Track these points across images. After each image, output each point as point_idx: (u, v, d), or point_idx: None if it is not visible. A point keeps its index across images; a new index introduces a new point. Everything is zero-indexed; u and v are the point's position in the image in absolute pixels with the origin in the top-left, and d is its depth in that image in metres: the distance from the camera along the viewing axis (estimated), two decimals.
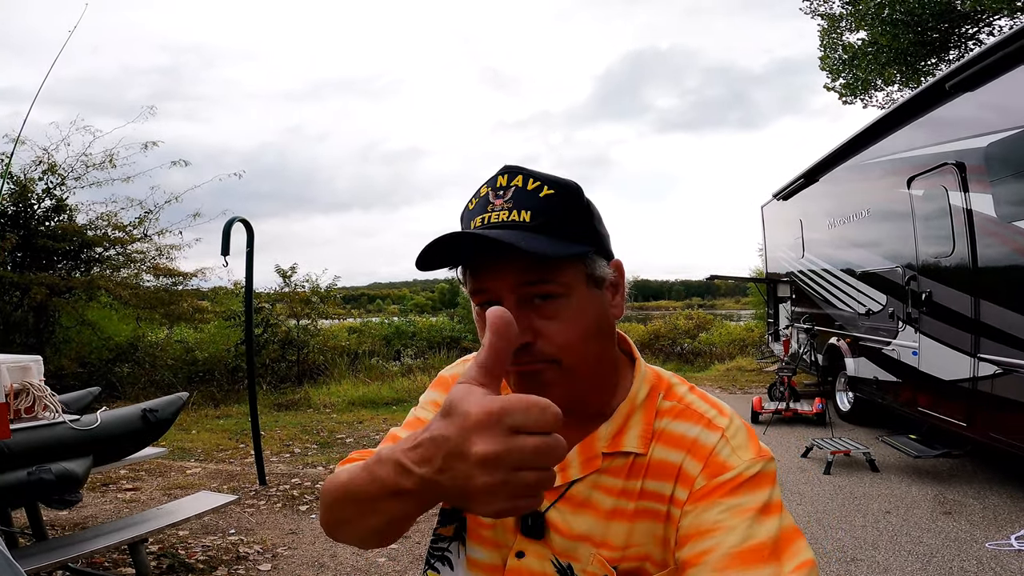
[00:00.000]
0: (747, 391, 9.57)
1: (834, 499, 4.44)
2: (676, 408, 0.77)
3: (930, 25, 10.76)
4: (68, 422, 2.77)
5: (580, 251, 0.72)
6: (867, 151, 6.05)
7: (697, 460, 0.71)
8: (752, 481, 0.69)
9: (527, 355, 0.70)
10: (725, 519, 0.66)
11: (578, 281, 0.72)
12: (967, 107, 4.39)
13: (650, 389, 0.79)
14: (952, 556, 3.45)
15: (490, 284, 0.71)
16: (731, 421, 0.75)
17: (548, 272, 0.70)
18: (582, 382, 0.74)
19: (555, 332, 0.70)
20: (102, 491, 4.91)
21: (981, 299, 4.28)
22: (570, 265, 0.72)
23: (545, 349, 0.70)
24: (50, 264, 9.20)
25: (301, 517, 4.28)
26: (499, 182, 0.74)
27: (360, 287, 60.59)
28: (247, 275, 5.11)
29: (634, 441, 0.75)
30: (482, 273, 0.72)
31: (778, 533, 0.65)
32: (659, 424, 0.76)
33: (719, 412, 0.76)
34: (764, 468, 0.70)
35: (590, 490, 0.75)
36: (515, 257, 0.68)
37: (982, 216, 4.24)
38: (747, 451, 0.71)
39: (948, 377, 4.66)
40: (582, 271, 0.73)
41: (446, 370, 0.95)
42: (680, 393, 0.79)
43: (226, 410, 8.83)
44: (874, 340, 6.03)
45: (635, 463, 0.74)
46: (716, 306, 36.83)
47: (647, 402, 0.78)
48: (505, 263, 0.70)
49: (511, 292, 0.70)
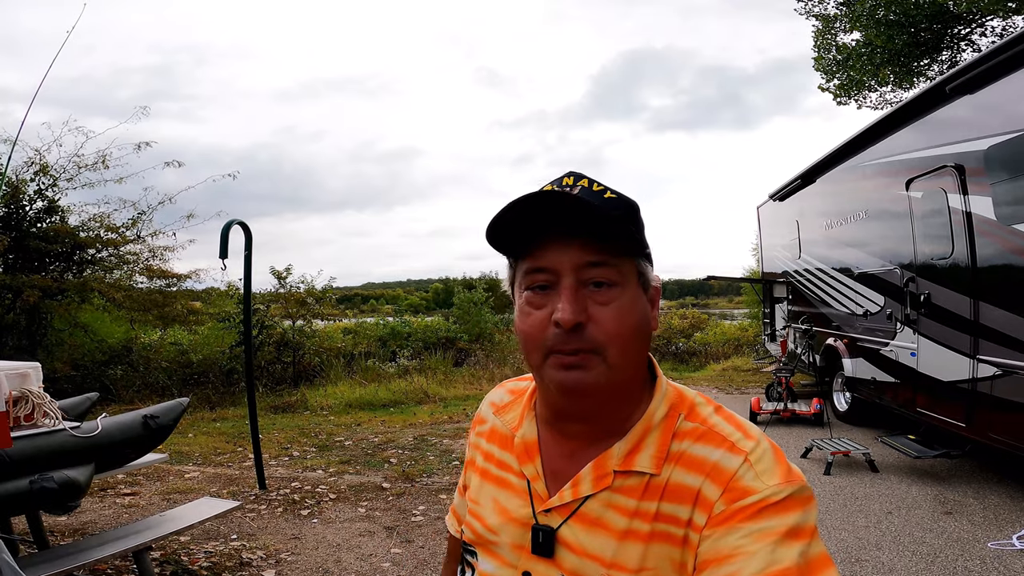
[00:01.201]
0: (744, 391, 9.61)
1: (835, 500, 4.46)
2: (699, 430, 0.75)
3: (923, 26, 10.82)
4: (69, 429, 2.73)
5: (640, 243, 0.75)
6: (865, 153, 6.08)
7: (717, 485, 0.69)
8: (778, 505, 0.65)
9: (577, 340, 0.70)
10: (746, 544, 0.63)
11: (632, 276, 0.74)
12: (967, 110, 4.41)
13: (669, 409, 0.78)
14: (955, 556, 3.47)
15: (553, 260, 0.72)
16: (757, 444, 0.72)
17: (608, 256, 0.72)
18: (618, 387, 0.74)
19: (608, 319, 0.71)
20: (100, 496, 4.86)
21: (980, 301, 4.31)
22: (627, 259, 0.74)
23: (596, 335, 0.70)
24: (42, 266, 9.11)
25: (303, 522, 4.25)
26: (564, 181, 0.77)
27: (354, 287, 60.42)
28: (245, 279, 5.07)
29: (647, 461, 0.74)
30: (545, 251, 0.73)
31: (805, 560, 0.61)
32: (679, 446, 0.74)
33: (744, 435, 0.73)
34: (794, 493, 0.66)
35: (603, 508, 0.74)
36: (583, 234, 0.71)
37: (981, 218, 4.27)
38: (773, 476, 0.68)
39: (947, 378, 4.69)
40: (635, 269, 0.75)
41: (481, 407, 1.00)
42: (704, 414, 0.77)
43: (222, 412, 8.77)
44: (872, 341, 6.06)
45: (651, 484, 0.73)
46: (710, 305, 36.95)
47: (665, 422, 0.76)
48: (571, 241, 0.71)
49: (572, 271, 0.71)
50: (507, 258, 0.80)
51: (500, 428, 0.90)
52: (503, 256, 0.80)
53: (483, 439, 0.93)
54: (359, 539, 3.94)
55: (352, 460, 5.95)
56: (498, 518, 0.83)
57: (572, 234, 0.71)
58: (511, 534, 0.80)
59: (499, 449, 0.88)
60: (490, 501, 0.85)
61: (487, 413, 0.95)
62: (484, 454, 0.91)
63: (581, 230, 0.71)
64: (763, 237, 10.53)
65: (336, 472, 5.54)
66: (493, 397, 0.96)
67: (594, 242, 0.71)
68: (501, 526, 0.82)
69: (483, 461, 0.90)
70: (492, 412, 0.94)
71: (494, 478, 0.87)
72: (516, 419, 0.88)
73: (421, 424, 7.73)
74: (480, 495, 0.87)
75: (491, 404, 0.95)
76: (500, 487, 0.85)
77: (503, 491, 0.84)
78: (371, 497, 4.79)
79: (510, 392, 0.94)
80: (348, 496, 4.81)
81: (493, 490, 0.86)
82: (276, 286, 11.95)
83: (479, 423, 0.96)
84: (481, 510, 0.86)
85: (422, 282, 65.79)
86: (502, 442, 0.88)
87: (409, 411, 8.80)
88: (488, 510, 0.85)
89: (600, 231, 0.70)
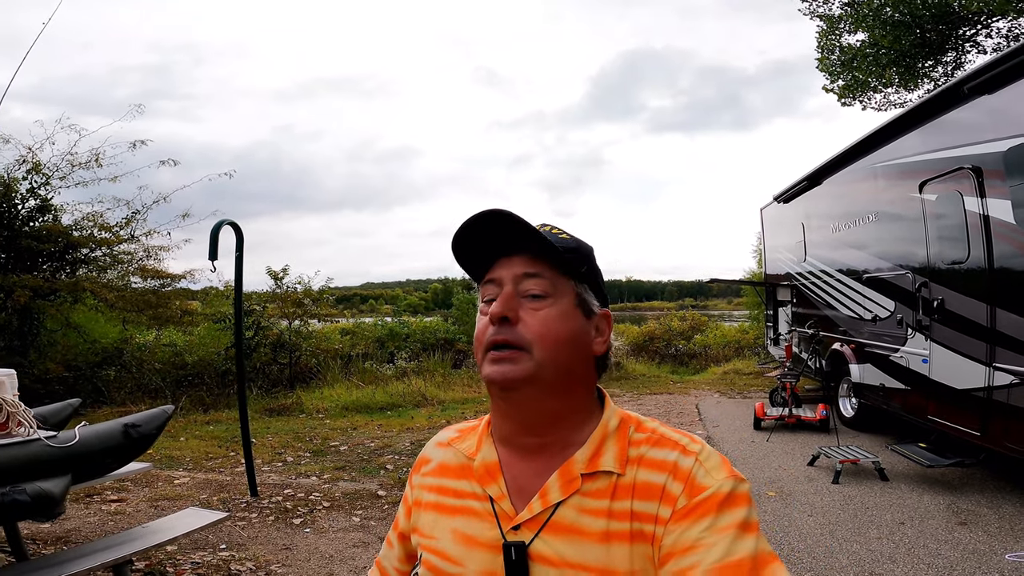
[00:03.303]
0: (746, 395, 9.45)
1: (845, 510, 4.32)
2: (652, 438, 0.81)
3: (930, 27, 10.71)
4: (44, 439, 2.58)
5: (576, 264, 0.84)
6: (876, 154, 5.94)
7: (679, 481, 0.75)
8: (728, 499, 0.72)
9: (506, 332, 0.78)
10: (706, 536, 0.70)
11: (567, 295, 0.82)
12: (985, 110, 4.27)
13: (620, 421, 0.84)
14: (973, 569, 3.34)
15: (499, 272, 0.82)
16: (703, 447, 0.79)
17: (541, 270, 0.81)
18: (551, 387, 0.79)
19: (535, 322, 0.79)
20: (86, 503, 4.71)
21: (997, 307, 4.17)
22: (564, 281, 0.82)
23: (523, 332, 0.78)
24: (34, 265, 8.97)
25: (295, 531, 4.10)
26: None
27: (353, 287, 60.28)
28: (236, 280, 4.93)
29: (611, 461, 0.78)
30: (496, 263, 0.84)
31: (757, 553, 0.69)
32: (637, 451, 0.80)
33: (691, 440, 0.81)
34: (736, 487, 0.74)
35: (577, 514, 0.76)
36: (526, 247, 0.82)
37: (999, 222, 4.13)
38: (720, 471, 0.75)
39: (961, 386, 4.56)
40: (572, 289, 0.82)
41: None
42: (651, 427, 0.83)
43: (216, 415, 8.61)
44: (881, 346, 5.92)
45: (619, 484, 0.77)
46: (709, 307, 36.89)
47: (619, 430, 0.82)
48: (513, 256, 0.82)
49: (511, 280, 0.81)
50: (475, 282, 0.88)
51: (452, 460, 0.90)
52: (474, 281, 0.89)
53: (431, 476, 0.92)
54: (353, 550, 3.79)
55: (347, 466, 5.80)
56: (460, 547, 0.81)
57: (514, 250, 0.82)
58: (479, 561, 0.79)
59: (453, 480, 0.88)
60: (448, 533, 0.83)
61: (432, 452, 0.95)
62: (436, 489, 0.90)
63: (521, 246, 0.82)
64: (767, 239, 10.40)
65: (330, 479, 5.40)
66: (439, 437, 0.98)
67: (533, 256, 0.81)
68: (465, 555, 0.80)
69: (436, 496, 0.89)
70: (441, 448, 0.94)
71: (451, 508, 0.86)
72: (473, 446, 0.89)
73: (419, 428, 7.58)
74: (435, 530, 0.85)
75: (438, 443, 0.96)
76: (460, 515, 0.84)
77: (463, 518, 0.83)
78: (366, 505, 4.64)
79: (458, 431, 0.96)
80: (342, 504, 4.67)
81: (451, 521, 0.84)
82: (272, 286, 11.81)
83: (423, 463, 0.96)
84: (439, 544, 0.84)
85: (421, 282, 65.85)
86: (457, 472, 0.88)
87: (407, 414, 8.65)
88: (447, 542, 0.83)
89: (534, 246, 0.81)
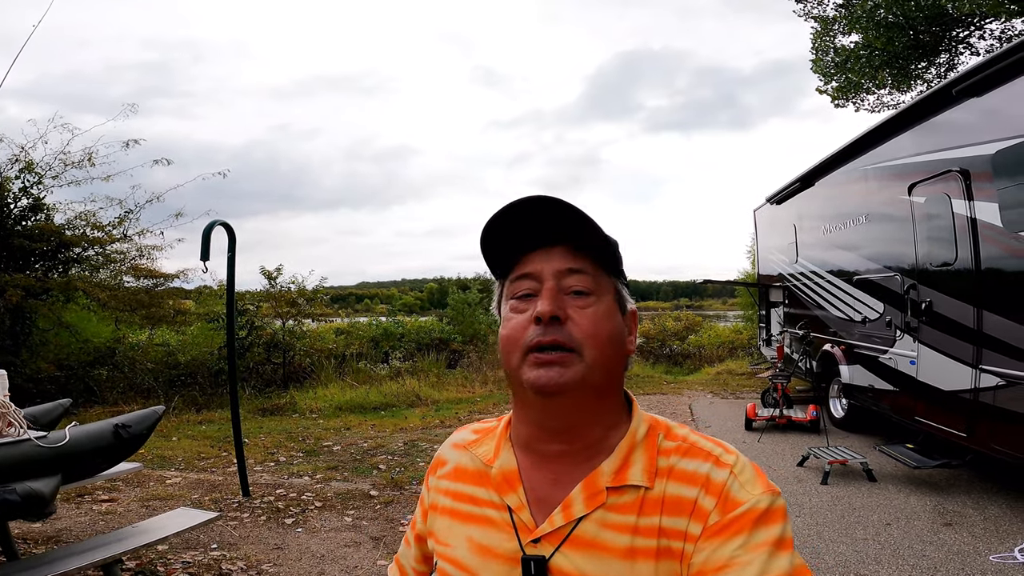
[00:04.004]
0: (739, 396, 9.50)
1: (833, 510, 4.35)
2: (682, 447, 0.77)
3: (923, 28, 10.78)
4: (34, 439, 2.59)
5: (616, 259, 0.80)
6: (866, 156, 5.99)
7: (711, 496, 0.71)
8: (764, 516, 0.69)
9: (556, 332, 0.72)
10: (740, 555, 0.66)
11: (609, 292, 0.78)
12: (974, 113, 4.31)
13: (648, 429, 0.79)
14: (957, 570, 3.37)
15: (536, 266, 0.76)
16: (737, 458, 0.75)
17: (586, 265, 0.76)
18: (593, 393, 0.74)
19: (585, 320, 0.74)
20: (77, 503, 4.70)
21: (984, 310, 4.21)
22: (606, 277, 0.78)
23: (574, 331, 0.73)
24: (26, 265, 8.93)
25: (287, 531, 4.11)
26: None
27: (348, 287, 60.16)
28: (228, 280, 4.92)
29: (639, 475, 0.74)
30: (530, 257, 0.77)
31: (793, 569, 0.66)
32: (666, 462, 0.76)
33: (725, 450, 0.76)
34: (773, 503, 0.70)
35: (598, 529, 0.73)
36: (564, 240, 0.76)
37: (987, 225, 4.17)
38: (756, 486, 0.72)
39: (948, 387, 4.60)
40: (613, 286, 0.79)
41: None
42: (682, 434, 0.79)
43: (208, 415, 8.60)
44: (870, 348, 5.97)
45: (647, 498, 0.73)
46: (704, 307, 37.00)
47: (647, 439, 0.78)
48: (553, 248, 0.76)
49: (553, 275, 0.75)
50: (496, 278, 0.83)
51: (469, 464, 0.87)
52: (494, 276, 0.83)
53: (446, 480, 0.89)
54: (344, 550, 3.80)
55: (340, 466, 5.81)
56: (477, 557, 0.78)
57: (554, 241, 0.76)
58: (495, 572, 0.76)
59: (470, 485, 0.84)
60: (464, 541, 0.80)
61: (448, 454, 0.92)
62: (451, 494, 0.86)
63: (562, 236, 0.76)
64: (759, 240, 10.45)
65: (323, 479, 5.40)
66: (455, 438, 0.93)
67: (574, 249, 0.76)
68: (481, 566, 0.78)
69: (451, 501, 0.85)
70: (457, 451, 0.90)
71: (466, 516, 0.82)
72: (491, 451, 0.85)
73: (412, 428, 7.59)
74: (451, 537, 0.82)
75: (454, 445, 0.92)
76: (476, 524, 0.81)
77: (480, 528, 0.80)
78: (358, 505, 4.65)
79: (475, 432, 0.92)
80: (335, 504, 4.68)
81: (467, 529, 0.81)
82: (266, 286, 11.79)
83: (439, 465, 0.92)
84: (454, 552, 0.81)
85: (417, 282, 65.84)
86: (474, 478, 0.85)
87: (400, 415, 8.66)
88: (463, 551, 0.80)
89: (579, 233, 0.75)
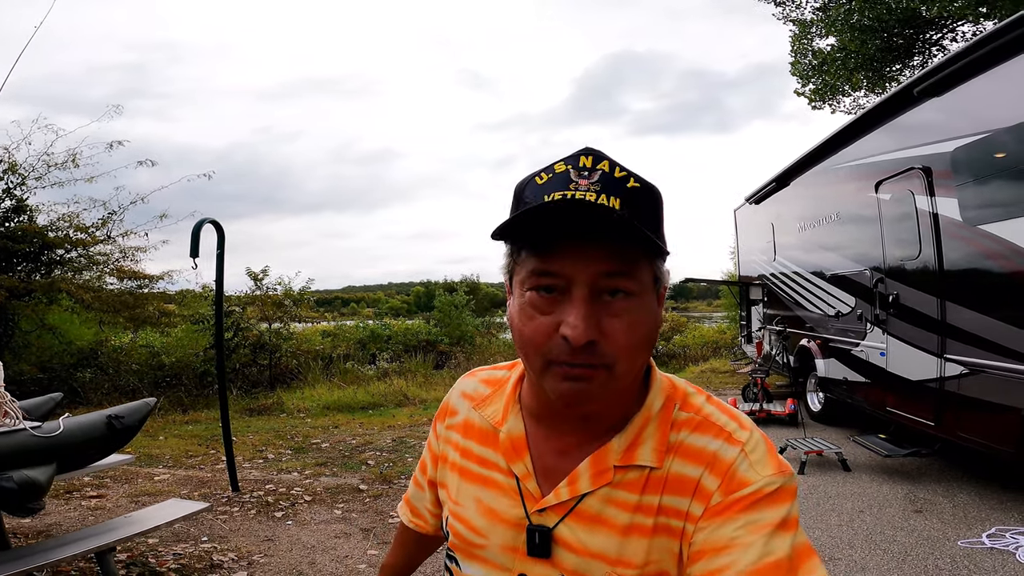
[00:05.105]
0: (721, 392, 9.69)
1: (809, 498, 4.50)
2: (694, 420, 0.74)
3: (896, 31, 11.05)
4: (29, 429, 2.65)
5: (664, 251, 0.69)
6: (837, 155, 6.18)
7: (716, 475, 0.69)
8: (771, 496, 0.66)
9: (586, 355, 0.65)
10: (741, 535, 0.64)
11: (648, 284, 0.69)
12: (934, 112, 4.49)
13: (665, 400, 0.76)
14: (926, 554, 3.50)
15: (567, 268, 0.65)
16: (751, 435, 0.72)
17: (629, 266, 0.66)
18: (619, 395, 0.72)
19: (621, 332, 0.66)
20: (66, 498, 4.73)
21: (947, 301, 4.38)
22: (646, 265, 0.68)
23: (606, 350, 0.66)
24: (9, 266, 8.87)
25: (277, 524, 4.18)
26: (582, 162, 0.68)
27: (334, 290, 59.79)
28: (217, 278, 4.98)
29: (648, 455, 0.72)
30: (557, 254, 0.66)
31: (793, 550, 0.64)
32: (676, 437, 0.73)
33: (739, 425, 0.73)
34: (784, 484, 0.68)
35: (603, 505, 0.72)
36: (604, 240, 0.64)
37: (948, 220, 4.34)
38: (767, 466, 0.69)
39: (915, 377, 4.76)
40: (652, 273, 0.70)
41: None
42: (697, 404, 0.76)
43: (195, 415, 8.60)
44: (843, 341, 6.14)
45: (651, 477, 0.71)
46: (690, 309, 37.34)
47: (662, 413, 0.75)
48: (588, 247, 0.65)
49: (588, 282, 0.65)
50: (506, 245, 0.72)
51: (479, 422, 0.84)
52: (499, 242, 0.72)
53: (456, 433, 0.87)
54: (334, 541, 3.88)
55: (329, 462, 5.87)
56: (484, 520, 0.79)
57: (592, 240, 0.65)
58: (501, 535, 0.77)
59: (479, 445, 0.83)
60: (472, 502, 0.81)
61: (458, 403, 0.89)
62: (461, 450, 0.85)
63: (603, 239, 0.65)
64: (740, 240, 10.64)
65: (312, 474, 5.47)
66: (466, 387, 0.90)
67: (613, 247, 0.65)
68: (489, 528, 0.78)
69: (461, 458, 0.85)
70: (467, 405, 0.87)
71: (475, 476, 0.82)
72: (499, 413, 0.82)
73: (400, 426, 7.66)
74: (460, 495, 0.83)
75: (464, 395, 0.89)
76: (484, 486, 0.80)
77: (488, 490, 0.80)
78: (348, 499, 4.73)
79: (485, 383, 0.88)
80: (324, 498, 4.75)
81: (475, 490, 0.81)
82: (252, 288, 11.79)
83: (449, 414, 0.90)
84: (464, 511, 0.81)
85: (403, 285, 65.57)
86: (482, 438, 0.83)
87: (388, 413, 8.72)
88: (471, 511, 0.80)
89: (624, 241, 0.64)
